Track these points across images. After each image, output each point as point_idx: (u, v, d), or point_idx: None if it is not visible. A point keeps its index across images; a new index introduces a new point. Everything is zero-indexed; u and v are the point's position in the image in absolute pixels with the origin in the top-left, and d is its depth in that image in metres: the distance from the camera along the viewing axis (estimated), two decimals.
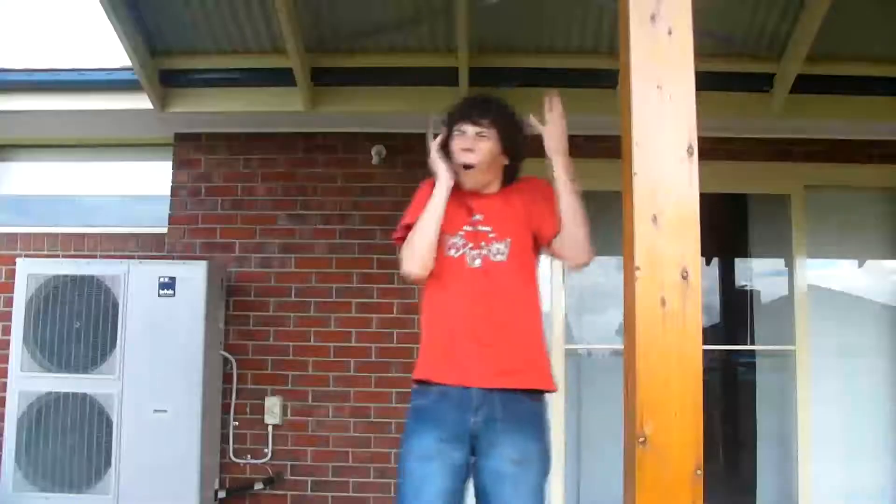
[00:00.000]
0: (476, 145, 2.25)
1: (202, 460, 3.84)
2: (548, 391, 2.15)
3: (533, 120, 2.45)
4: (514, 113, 2.42)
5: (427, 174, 2.30)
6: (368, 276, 4.30)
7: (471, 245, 2.19)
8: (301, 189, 4.41)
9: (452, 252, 2.19)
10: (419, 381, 2.15)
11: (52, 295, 3.91)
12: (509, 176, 2.40)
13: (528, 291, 2.22)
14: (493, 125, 2.30)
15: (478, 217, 2.23)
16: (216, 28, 3.88)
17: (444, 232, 2.18)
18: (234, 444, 4.24)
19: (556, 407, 4.25)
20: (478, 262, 2.18)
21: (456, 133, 2.27)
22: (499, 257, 2.19)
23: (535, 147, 2.49)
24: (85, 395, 3.85)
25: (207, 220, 4.42)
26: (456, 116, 2.30)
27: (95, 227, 4.52)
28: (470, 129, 2.27)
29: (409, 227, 2.21)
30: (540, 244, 2.30)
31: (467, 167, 2.24)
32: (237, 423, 4.25)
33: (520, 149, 2.41)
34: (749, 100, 4.01)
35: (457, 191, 2.25)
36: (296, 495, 4.21)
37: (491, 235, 2.21)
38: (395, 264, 4.68)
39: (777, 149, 4.37)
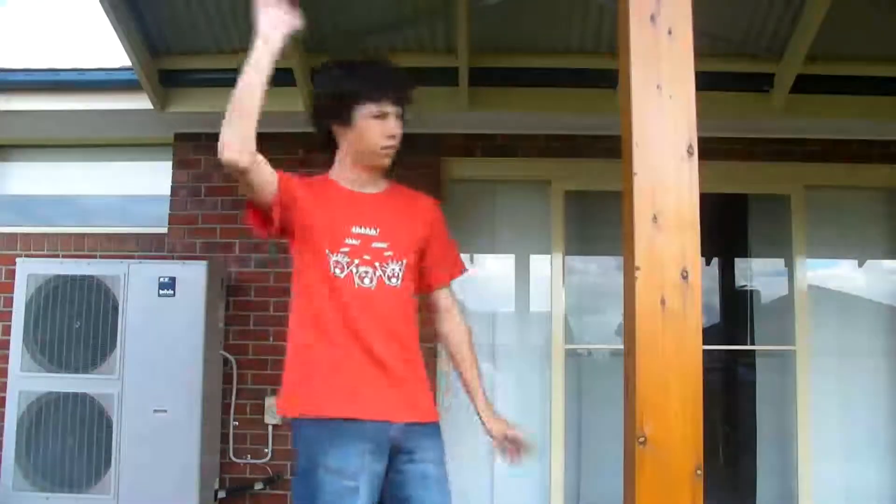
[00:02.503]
0: (399, 129, 1.95)
1: (202, 460, 3.84)
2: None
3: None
4: (407, 76, 2.04)
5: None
6: None
7: (357, 262, 1.89)
8: None
9: (338, 272, 1.88)
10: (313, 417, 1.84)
11: (52, 295, 3.91)
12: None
13: (415, 323, 1.97)
14: (408, 103, 1.98)
15: (367, 231, 1.93)
16: (216, 28, 3.88)
17: (323, 244, 1.89)
18: (234, 444, 4.24)
19: (556, 407, 4.26)
20: (370, 283, 1.90)
21: (372, 111, 1.93)
22: (393, 280, 1.93)
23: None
24: (85, 395, 3.84)
25: (207, 220, 4.42)
26: (374, 89, 1.92)
27: (95, 227, 4.52)
28: (393, 112, 1.96)
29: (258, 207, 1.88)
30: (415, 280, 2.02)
31: (385, 165, 1.97)
32: (237, 423, 4.25)
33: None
34: (749, 100, 4.01)
35: (331, 184, 1.99)
36: None
37: (387, 254, 1.93)
38: None
39: (777, 149, 4.37)
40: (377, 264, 1.92)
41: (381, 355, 1.87)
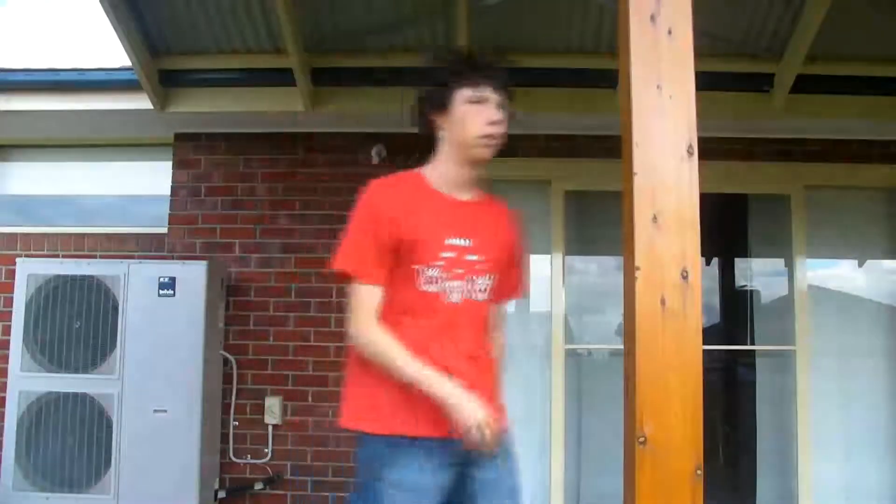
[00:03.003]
0: (502, 118, 1.81)
1: (202, 460, 3.84)
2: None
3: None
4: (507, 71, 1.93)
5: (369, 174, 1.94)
6: None
7: (449, 275, 1.81)
8: (301, 189, 4.41)
9: (430, 288, 1.81)
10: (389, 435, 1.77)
11: (52, 295, 3.91)
12: None
13: (489, 334, 1.92)
14: (508, 94, 1.86)
15: (462, 242, 1.83)
16: (216, 28, 3.88)
17: (415, 260, 1.80)
18: (234, 444, 4.24)
19: (556, 407, 4.26)
20: (456, 298, 1.83)
21: (470, 95, 1.83)
22: (479, 295, 1.86)
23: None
24: (85, 395, 3.84)
25: (207, 220, 4.42)
26: (471, 76, 1.83)
27: (95, 227, 4.52)
28: (494, 97, 1.84)
29: (359, 258, 1.80)
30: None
31: (487, 156, 1.84)
32: (237, 423, 4.25)
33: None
34: (749, 100, 4.01)
35: (424, 183, 1.88)
36: (296, 495, 4.21)
37: (478, 268, 1.85)
38: None
39: (777, 149, 4.37)
40: (468, 278, 1.85)
41: (457, 371, 1.79)
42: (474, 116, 1.83)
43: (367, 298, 1.80)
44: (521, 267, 2.03)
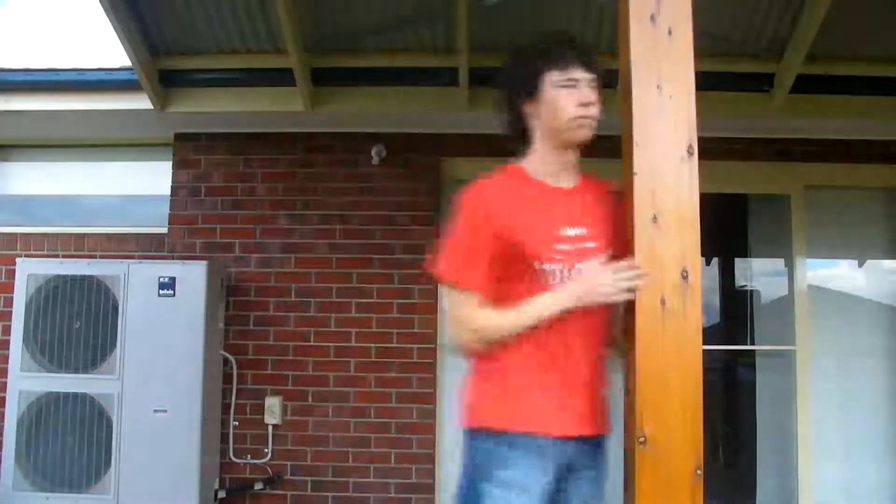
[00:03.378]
0: (596, 100, 1.74)
1: (202, 460, 3.84)
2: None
3: None
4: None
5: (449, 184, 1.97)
6: (368, 276, 4.29)
7: (571, 269, 1.73)
8: (301, 189, 4.41)
9: (552, 280, 1.73)
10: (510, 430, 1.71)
11: (52, 295, 3.91)
12: None
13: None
14: (600, 75, 1.78)
15: (577, 230, 1.76)
16: (216, 28, 3.88)
17: (533, 257, 1.72)
18: (234, 444, 4.24)
19: None
20: None
21: (559, 79, 1.74)
22: None
23: None
24: (85, 395, 3.84)
25: (207, 220, 4.42)
26: (558, 58, 1.75)
27: (95, 227, 4.52)
28: (584, 77, 1.74)
29: (460, 264, 1.76)
30: None
31: (584, 138, 1.75)
32: (237, 423, 4.25)
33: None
34: (749, 100, 4.01)
35: (524, 177, 1.80)
36: (296, 495, 4.20)
37: (596, 252, 1.77)
38: (395, 264, 4.68)
39: (777, 149, 4.37)
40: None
41: (585, 374, 1.74)
42: (566, 99, 1.73)
43: (464, 304, 1.74)
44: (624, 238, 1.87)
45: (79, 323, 3.88)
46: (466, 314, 1.73)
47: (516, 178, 1.80)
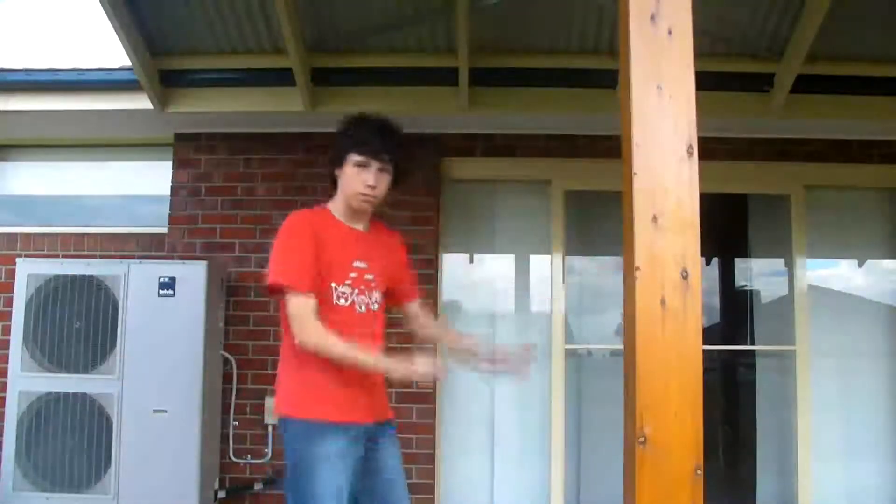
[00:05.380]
0: (379, 182, 2.25)
1: (202, 460, 3.84)
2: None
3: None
4: (409, 146, 2.37)
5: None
6: None
7: (356, 291, 2.26)
8: (301, 189, 4.41)
9: (342, 301, 2.24)
10: (314, 420, 2.20)
11: (52, 295, 3.91)
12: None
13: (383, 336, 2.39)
14: (393, 160, 2.28)
15: (362, 265, 2.28)
16: (216, 28, 3.88)
17: (330, 278, 2.20)
18: (234, 444, 4.24)
19: (556, 407, 4.26)
20: (363, 309, 2.29)
21: (357, 162, 2.24)
22: (375, 306, 2.33)
23: None
24: (85, 395, 3.85)
25: (207, 220, 4.42)
26: (358, 145, 2.24)
27: (95, 228, 4.53)
28: (374, 164, 2.25)
29: (294, 272, 2.17)
30: (387, 299, 2.42)
31: (362, 209, 2.28)
32: (237, 423, 4.25)
33: (402, 182, 2.37)
34: (749, 100, 4.01)
35: (332, 219, 2.30)
36: None
37: (373, 284, 2.32)
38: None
39: (777, 149, 4.37)
40: (367, 293, 2.30)
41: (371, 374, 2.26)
42: (356, 177, 2.23)
43: (305, 306, 2.16)
44: (411, 278, 2.51)
45: (79, 323, 3.88)
46: (310, 322, 2.16)
47: (325, 216, 2.30)
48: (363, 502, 2.27)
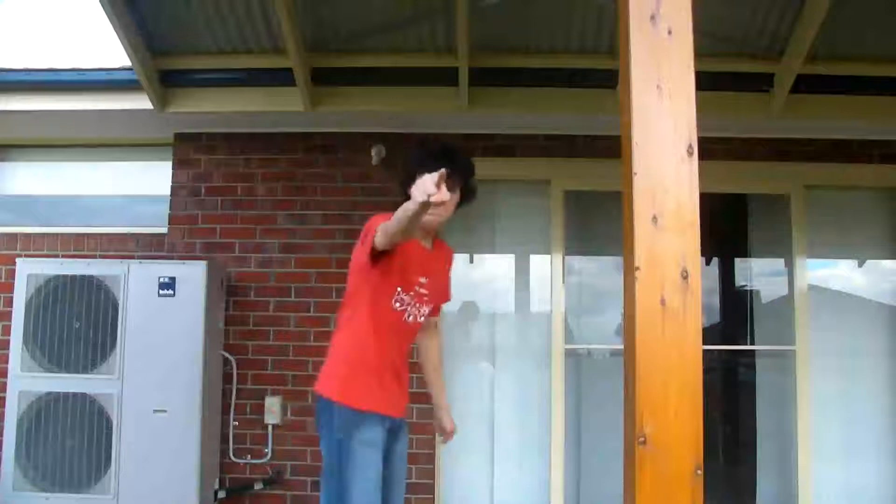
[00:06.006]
0: (447, 204, 2.36)
1: (202, 460, 3.84)
2: None
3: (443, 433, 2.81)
4: (472, 166, 2.52)
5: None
6: None
7: (413, 302, 2.46)
8: (301, 189, 4.41)
9: (398, 306, 2.43)
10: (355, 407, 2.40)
11: (52, 295, 3.91)
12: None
13: None
14: (460, 182, 2.43)
15: (424, 280, 2.48)
16: (216, 28, 3.88)
17: (397, 283, 2.40)
18: (234, 444, 4.24)
19: (556, 407, 4.26)
20: (410, 319, 2.48)
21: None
22: (421, 318, 2.54)
23: None
24: (85, 395, 3.85)
25: (207, 220, 4.42)
26: (424, 166, 2.34)
27: (95, 228, 4.53)
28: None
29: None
30: None
31: (431, 226, 2.45)
32: (237, 423, 4.25)
33: (469, 201, 2.54)
34: (749, 100, 4.01)
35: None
36: (296, 495, 4.21)
37: (426, 299, 2.52)
38: None
39: (777, 149, 4.37)
40: (419, 306, 2.49)
41: (401, 371, 2.50)
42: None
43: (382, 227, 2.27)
44: (448, 289, 2.69)
45: (79, 323, 3.88)
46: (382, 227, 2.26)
47: None
48: None
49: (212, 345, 4.01)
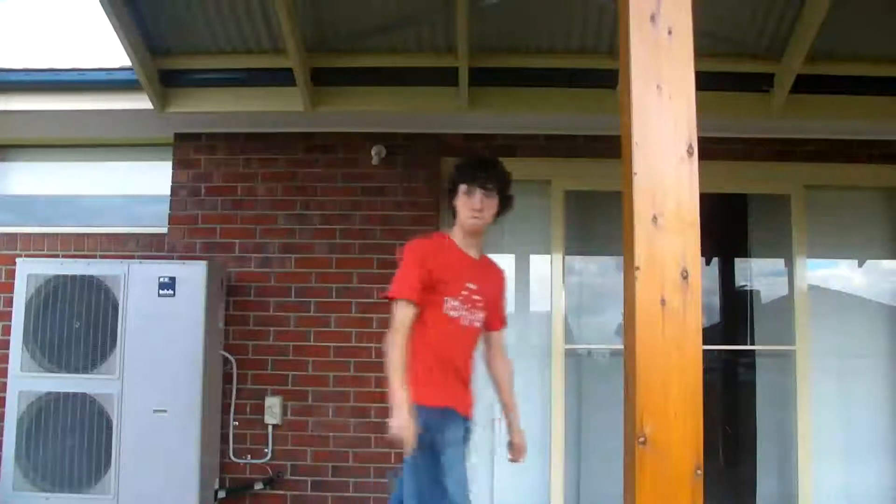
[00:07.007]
0: (485, 206, 2.62)
1: (202, 460, 3.84)
2: None
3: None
4: (510, 176, 2.71)
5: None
6: (368, 276, 4.30)
7: (465, 307, 2.62)
8: (301, 189, 4.41)
9: (452, 313, 2.59)
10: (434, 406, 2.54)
11: (52, 295, 3.91)
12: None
13: None
14: (497, 189, 2.64)
15: (473, 286, 2.64)
16: (216, 28, 3.88)
17: (445, 293, 2.56)
18: (234, 444, 4.24)
19: (556, 407, 4.26)
20: (466, 323, 2.64)
21: (464, 191, 2.63)
22: (476, 323, 2.69)
23: None
24: (85, 395, 3.85)
25: (207, 220, 4.42)
26: (464, 176, 2.65)
27: (95, 228, 4.53)
28: (479, 191, 2.62)
29: (405, 286, 2.52)
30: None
31: (474, 229, 2.65)
32: (237, 423, 4.25)
33: (508, 208, 2.73)
34: (749, 100, 4.01)
35: (450, 242, 2.68)
36: (296, 495, 4.21)
37: (479, 304, 2.67)
38: (395, 265, 4.70)
39: (777, 149, 4.37)
40: (473, 311, 2.65)
41: (465, 375, 2.66)
42: (463, 205, 2.64)
43: (402, 312, 2.51)
44: (503, 310, 2.86)
45: (79, 323, 3.88)
46: (399, 329, 2.50)
47: (443, 241, 2.70)
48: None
49: (212, 345, 4.01)
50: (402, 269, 2.59)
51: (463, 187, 2.64)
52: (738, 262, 4.98)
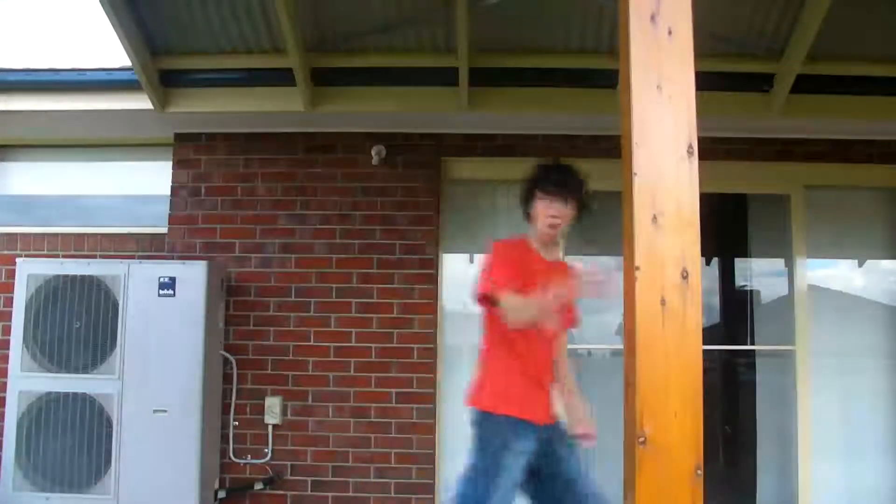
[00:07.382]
0: (561, 213, 2.62)
1: (202, 460, 3.84)
2: None
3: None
4: (587, 180, 2.70)
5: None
6: (368, 276, 4.30)
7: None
8: (301, 189, 4.41)
9: None
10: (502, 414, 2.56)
11: (52, 295, 3.91)
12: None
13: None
14: (571, 195, 2.63)
15: (551, 288, 2.62)
16: (216, 28, 3.88)
17: (521, 290, 2.52)
18: (234, 444, 4.24)
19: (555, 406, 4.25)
20: (544, 325, 2.61)
21: (541, 198, 2.63)
22: (553, 325, 2.67)
23: None
24: (85, 395, 3.85)
25: (207, 220, 4.42)
26: (544, 185, 2.63)
27: (95, 228, 4.53)
28: (556, 199, 2.63)
29: (497, 286, 2.50)
30: None
31: (550, 236, 2.67)
32: (237, 423, 4.25)
33: (585, 214, 2.72)
34: (749, 100, 4.01)
35: (529, 246, 2.69)
36: (296, 495, 4.21)
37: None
38: (395, 264, 4.69)
39: (777, 149, 4.37)
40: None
41: (543, 379, 2.67)
42: (541, 213, 2.63)
43: (507, 297, 2.47)
44: (573, 309, 2.82)
45: (79, 323, 3.88)
46: (514, 303, 2.46)
47: (522, 244, 2.71)
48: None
49: (212, 345, 4.01)
50: (491, 268, 2.60)
51: (541, 194, 2.64)
52: (738, 262, 4.98)
